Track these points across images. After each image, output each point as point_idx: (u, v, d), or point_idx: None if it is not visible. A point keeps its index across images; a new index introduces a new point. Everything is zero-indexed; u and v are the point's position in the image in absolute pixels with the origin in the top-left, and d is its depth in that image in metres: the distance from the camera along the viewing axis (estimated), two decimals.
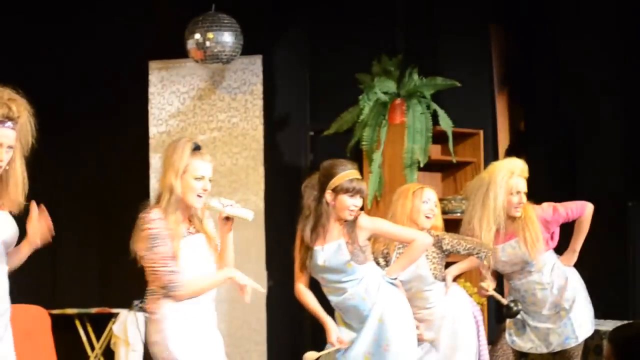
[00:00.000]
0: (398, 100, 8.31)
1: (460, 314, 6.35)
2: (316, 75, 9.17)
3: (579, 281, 6.58)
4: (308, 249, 5.88)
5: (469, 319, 6.39)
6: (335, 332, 5.72)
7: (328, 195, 5.56)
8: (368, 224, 5.77)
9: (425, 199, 6.49)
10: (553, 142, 9.06)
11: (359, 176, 5.70)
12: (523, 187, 6.42)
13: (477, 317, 6.48)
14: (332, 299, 5.92)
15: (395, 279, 5.97)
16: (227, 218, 5.00)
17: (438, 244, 6.16)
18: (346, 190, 5.44)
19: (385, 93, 8.33)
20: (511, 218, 6.46)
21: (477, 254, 6.16)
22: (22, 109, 4.65)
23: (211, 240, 5.11)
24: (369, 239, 5.93)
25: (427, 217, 6.51)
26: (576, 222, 6.55)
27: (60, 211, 8.79)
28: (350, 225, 5.74)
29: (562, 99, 8.99)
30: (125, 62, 9.41)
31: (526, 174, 6.47)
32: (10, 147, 4.55)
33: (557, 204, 6.55)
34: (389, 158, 8.30)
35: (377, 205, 8.27)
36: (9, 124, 4.50)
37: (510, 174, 6.46)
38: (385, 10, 8.93)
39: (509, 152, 8.91)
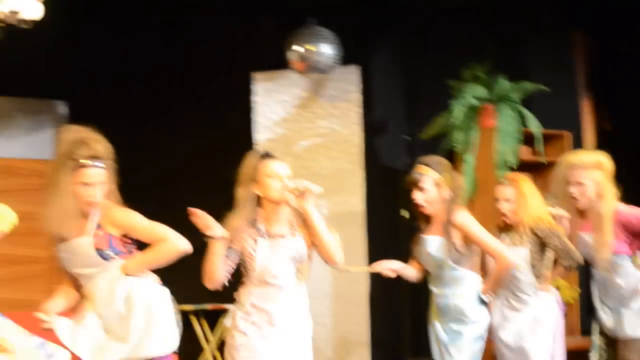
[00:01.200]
0: (488, 105, 8.37)
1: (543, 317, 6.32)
2: (410, 83, 9.20)
3: None
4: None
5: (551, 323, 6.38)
6: None
7: None
8: (458, 221, 5.92)
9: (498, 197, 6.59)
10: (638, 140, 9.00)
11: (420, 170, 5.89)
12: (578, 177, 6.27)
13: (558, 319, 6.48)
14: (432, 289, 6.13)
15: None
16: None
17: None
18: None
19: (475, 98, 8.37)
20: (580, 211, 6.35)
21: (562, 258, 6.16)
22: (106, 148, 5.03)
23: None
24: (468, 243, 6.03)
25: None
26: None
27: (177, 213, 9.47)
28: (447, 220, 5.94)
29: None
30: (231, 74, 9.51)
31: (588, 166, 6.28)
32: (102, 183, 4.94)
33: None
34: (481, 160, 8.35)
35: (473, 205, 8.24)
36: (98, 163, 4.90)
37: (567, 166, 6.40)
38: (474, 19, 8.90)
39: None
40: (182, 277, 9.11)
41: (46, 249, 8.53)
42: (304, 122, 9.38)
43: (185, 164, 9.81)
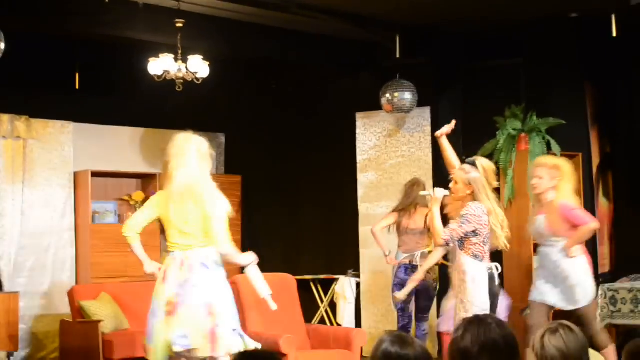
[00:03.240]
0: (522, 134, 8.52)
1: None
2: (467, 118, 9.17)
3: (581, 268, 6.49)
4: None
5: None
6: None
7: None
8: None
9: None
10: (631, 160, 9.13)
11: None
12: (538, 172, 6.53)
13: None
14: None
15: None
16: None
17: None
18: None
19: (514, 129, 8.55)
20: (539, 200, 6.63)
21: None
22: None
23: None
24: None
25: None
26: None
27: (301, 209, 10.10)
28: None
29: (637, 130, 9.04)
30: (341, 113, 10.00)
31: (543, 164, 6.53)
32: None
33: (578, 209, 6.55)
34: (518, 174, 8.52)
35: (511, 205, 8.55)
36: None
37: (534, 164, 6.77)
38: (513, 72, 9.18)
39: (599, 168, 9.08)
40: (304, 254, 9.69)
41: None
42: (391, 147, 9.60)
43: (308, 176, 10.33)
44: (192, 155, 5.20)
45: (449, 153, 6.21)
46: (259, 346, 5.29)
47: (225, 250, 5.27)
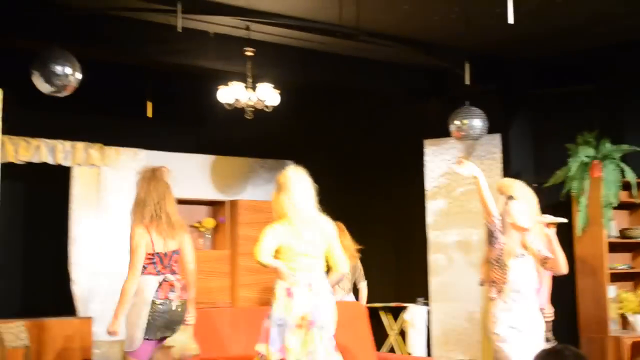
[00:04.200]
0: (596, 162, 8.57)
1: None
2: (537, 145, 9.31)
3: None
4: None
5: None
6: None
7: None
8: None
9: None
10: None
11: None
12: None
13: None
14: None
15: None
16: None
17: None
18: None
19: (587, 156, 8.62)
20: None
21: None
22: None
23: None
24: None
25: None
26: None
27: (370, 236, 9.87)
28: None
29: None
30: (409, 140, 9.96)
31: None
32: None
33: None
34: (591, 201, 8.56)
35: (584, 234, 8.57)
36: None
37: None
38: (585, 99, 9.10)
39: None
40: (373, 282, 9.45)
41: None
42: (460, 175, 8.79)
43: (377, 204, 10.30)
44: (307, 186, 5.62)
45: (487, 196, 5.87)
46: None
47: (345, 271, 5.78)
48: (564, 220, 5.57)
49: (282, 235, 5.56)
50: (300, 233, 5.53)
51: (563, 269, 5.58)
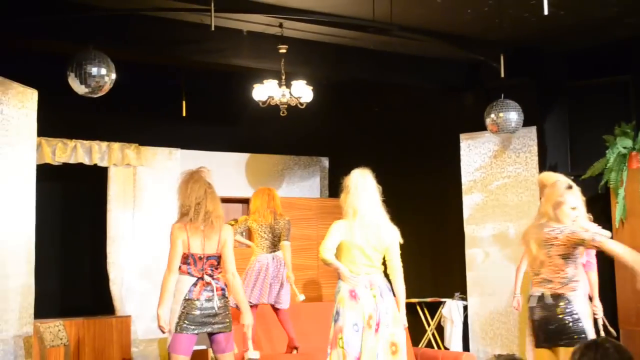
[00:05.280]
0: (634, 153, 8.57)
1: None
2: (574, 137, 9.27)
3: None
4: None
5: None
6: None
7: None
8: None
9: None
10: None
11: None
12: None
13: None
14: None
15: None
16: None
17: None
18: None
19: (624, 147, 8.62)
20: None
21: None
22: None
23: None
24: None
25: None
26: None
27: (406, 231, 10.56)
28: None
29: None
30: (446, 135, 9.93)
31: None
32: None
33: None
34: (629, 193, 8.53)
35: (623, 225, 8.54)
36: None
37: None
38: (623, 89, 9.03)
39: None
40: (410, 277, 10.02)
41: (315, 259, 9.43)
42: (496, 168, 9.45)
43: (412, 198, 10.18)
44: (372, 188, 5.91)
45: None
46: None
47: (401, 273, 5.95)
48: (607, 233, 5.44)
49: (343, 233, 5.79)
50: (361, 232, 5.76)
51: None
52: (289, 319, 7.95)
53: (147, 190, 9.42)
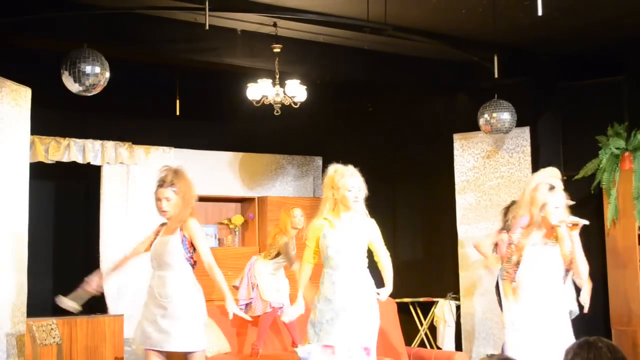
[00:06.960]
0: (626, 153, 8.59)
1: None
2: (566, 138, 9.30)
3: None
4: None
5: None
6: None
7: None
8: None
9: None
10: None
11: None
12: None
13: None
14: None
15: None
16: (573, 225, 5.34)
17: None
18: None
19: (617, 148, 8.65)
20: None
21: None
22: (180, 180, 5.50)
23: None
24: None
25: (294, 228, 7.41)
26: None
27: (399, 231, 10.09)
28: None
29: None
30: (439, 135, 9.93)
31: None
32: (167, 199, 5.43)
33: None
34: (622, 194, 8.56)
35: (615, 226, 8.55)
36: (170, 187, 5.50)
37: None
38: (615, 90, 9.04)
39: None
40: (403, 277, 9.50)
41: None
42: (490, 168, 9.49)
43: (405, 198, 10.31)
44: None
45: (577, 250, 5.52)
46: None
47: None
48: (586, 222, 5.44)
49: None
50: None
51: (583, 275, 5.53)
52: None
53: (140, 189, 9.36)
